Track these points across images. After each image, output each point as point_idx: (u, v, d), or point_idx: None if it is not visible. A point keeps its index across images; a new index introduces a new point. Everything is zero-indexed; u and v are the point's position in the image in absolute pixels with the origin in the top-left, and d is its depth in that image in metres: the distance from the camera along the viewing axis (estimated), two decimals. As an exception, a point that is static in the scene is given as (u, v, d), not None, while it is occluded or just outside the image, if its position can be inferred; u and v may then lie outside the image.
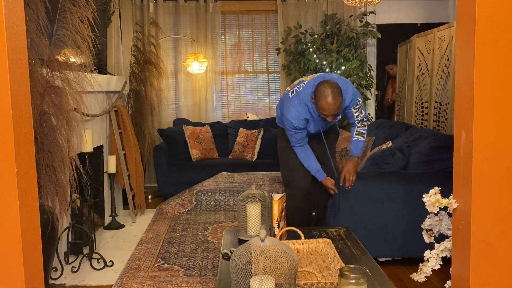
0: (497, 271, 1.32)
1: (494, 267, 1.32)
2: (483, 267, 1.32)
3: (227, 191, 4.66)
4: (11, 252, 1.18)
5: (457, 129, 1.38)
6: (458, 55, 1.37)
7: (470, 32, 1.28)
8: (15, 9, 1.19)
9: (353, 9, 5.64)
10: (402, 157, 3.18)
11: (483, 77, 1.27)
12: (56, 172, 2.53)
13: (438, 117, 4.49)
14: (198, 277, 3.00)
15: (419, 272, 1.69)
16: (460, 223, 1.39)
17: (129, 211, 4.47)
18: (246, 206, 2.21)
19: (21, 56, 1.21)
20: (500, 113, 1.28)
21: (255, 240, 1.42)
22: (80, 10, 2.72)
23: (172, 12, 5.81)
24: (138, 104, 5.16)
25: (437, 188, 1.56)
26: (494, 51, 1.27)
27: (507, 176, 1.30)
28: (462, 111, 1.35)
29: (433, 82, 4.58)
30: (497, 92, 1.28)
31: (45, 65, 2.60)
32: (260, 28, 6.02)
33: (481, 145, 1.29)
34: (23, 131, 1.21)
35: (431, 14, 5.85)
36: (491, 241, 1.32)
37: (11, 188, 1.16)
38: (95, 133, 3.88)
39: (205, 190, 4.70)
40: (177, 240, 3.78)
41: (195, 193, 4.68)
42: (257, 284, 1.35)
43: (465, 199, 1.34)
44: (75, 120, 2.71)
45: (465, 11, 1.31)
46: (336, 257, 1.82)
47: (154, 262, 3.28)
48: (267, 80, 6.10)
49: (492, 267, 1.32)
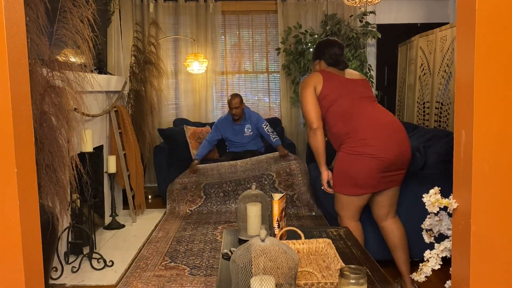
0: (497, 271, 1.32)
1: (494, 267, 1.32)
2: (483, 267, 1.32)
3: (232, 181, 4.68)
4: (11, 252, 1.18)
5: (457, 129, 1.38)
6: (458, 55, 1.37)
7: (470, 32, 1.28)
8: (15, 9, 1.19)
9: (353, 9, 5.64)
10: (421, 157, 3.18)
11: (483, 77, 1.27)
12: (56, 172, 2.53)
13: (440, 117, 4.49)
14: (203, 277, 3.02)
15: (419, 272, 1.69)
16: (460, 223, 1.39)
17: (129, 211, 4.47)
18: (246, 206, 2.21)
19: (21, 56, 1.21)
20: (500, 113, 1.28)
21: (255, 240, 1.42)
22: (80, 10, 2.72)
23: (172, 12, 5.81)
24: (138, 104, 5.16)
25: (437, 188, 1.56)
26: (494, 51, 1.27)
27: (507, 176, 1.30)
28: (462, 111, 1.35)
29: (434, 82, 4.58)
30: (497, 92, 1.28)
31: (45, 65, 2.60)
32: (260, 28, 6.02)
33: (481, 145, 1.29)
34: (23, 131, 1.21)
35: (431, 14, 5.85)
36: (491, 241, 1.31)
37: (11, 188, 1.16)
38: (95, 133, 3.88)
39: (211, 183, 4.72)
40: (186, 239, 3.81)
41: (202, 187, 4.70)
42: (257, 284, 1.35)
43: (465, 199, 1.34)
44: (75, 120, 2.71)
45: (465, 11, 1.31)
46: (336, 257, 1.82)
47: (161, 261, 3.33)
48: (267, 80, 6.10)
49: (492, 267, 1.32)
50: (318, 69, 2.86)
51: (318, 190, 4.19)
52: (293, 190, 4.65)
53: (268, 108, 6.13)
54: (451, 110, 4.27)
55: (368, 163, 2.54)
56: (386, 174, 2.59)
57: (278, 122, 5.77)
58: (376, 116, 2.64)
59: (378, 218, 2.78)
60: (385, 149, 2.54)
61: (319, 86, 2.70)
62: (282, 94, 5.96)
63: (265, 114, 6.05)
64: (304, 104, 2.72)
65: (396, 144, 2.58)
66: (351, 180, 2.60)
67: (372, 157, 2.53)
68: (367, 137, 2.56)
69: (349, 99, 2.68)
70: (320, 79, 2.71)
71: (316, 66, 2.90)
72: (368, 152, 2.54)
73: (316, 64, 2.90)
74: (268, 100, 6.12)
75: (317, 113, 2.70)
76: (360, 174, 2.57)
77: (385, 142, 2.55)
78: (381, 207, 2.73)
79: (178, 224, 4.25)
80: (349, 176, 2.60)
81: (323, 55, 2.84)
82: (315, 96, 2.70)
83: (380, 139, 2.55)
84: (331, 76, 2.72)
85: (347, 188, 2.63)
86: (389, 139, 2.57)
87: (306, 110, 2.72)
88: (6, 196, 1.16)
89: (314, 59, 2.95)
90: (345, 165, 2.63)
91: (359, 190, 2.61)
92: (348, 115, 2.65)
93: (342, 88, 2.70)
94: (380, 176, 2.57)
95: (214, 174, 4.76)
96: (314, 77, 2.74)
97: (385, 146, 2.54)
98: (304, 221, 4.29)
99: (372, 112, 2.66)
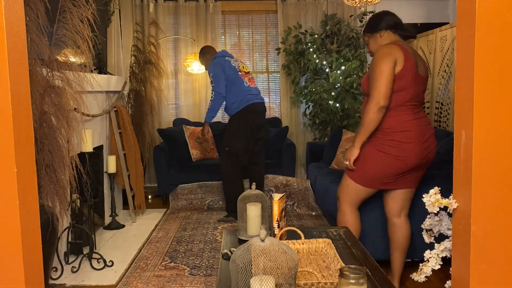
0: (497, 271, 1.32)
1: (494, 267, 1.32)
2: (483, 267, 1.32)
3: None
4: (11, 252, 1.18)
5: (457, 129, 1.38)
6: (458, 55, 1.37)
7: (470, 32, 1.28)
8: (15, 9, 1.19)
9: (353, 9, 5.64)
10: None
11: (483, 77, 1.27)
12: (56, 172, 2.53)
13: (440, 117, 4.49)
14: (203, 277, 3.02)
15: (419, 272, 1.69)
16: (460, 223, 1.39)
17: (129, 211, 4.47)
18: (246, 206, 2.21)
19: (21, 56, 1.21)
20: (500, 113, 1.28)
21: (255, 240, 1.42)
22: (80, 10, 2.72)
23: (172, 12, 5.81)
24: (138, 104, 5.16)
25: (437, 188, 1.56)
26: (494, 51, 1.27)
27: (507, 176, 1.30)
28: (462, 111, 1.35)
29: (434, 82, 4.58)
30: (497, 92, 1.28)
31: (45, 65, 2.60)
32: (260, 28, 6.02)
33: (481, 145, 1.29)
34: (23, 131, 1.21)
35: (431, 14, 5.85)
36: (491, 241, 1.32)
37: (11, 188, 1.16)
38: (95, 133, 3.88)
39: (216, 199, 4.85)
40: (186, 239, 3.81)
41: (207, 204, 4.83)
42: (257, 284, 1.35)
43: (465, 199, 1.34)
44: (75, 120, 2.71)
45: (465, 11, 1.31)
46: (336, 257, 1.82)
47: (161, 261, 3.33)
48: (267, 80, 6.10)
49: (492, 267, 1.32)
50: (383, 42, 2.59)
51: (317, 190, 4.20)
52: (292, 200, 4.67)
53: (268, 108, 6.12)
54: (451, 110, 4.27)
55: (391, 162, 2.51)
56: (404, 176, 2.58)
57: (278, 122, 5.77)
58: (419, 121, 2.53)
59: (390, 212, 2.74)
60: (414, 155, 2.49)
61: (399, 64, 2.43)
62: (282, 94, 5.95)
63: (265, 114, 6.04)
64: (379, 76, 2.41)
65: (424, 150, 2.53)
66: (366, 173, 2.58)
67: (398, 159, 2.50)
68: (405, 141, 2.49)
69: (409, 95, 2.48)
70: (401, 56, 2.44)
71: (380, 38, 2.60)
72: (397, 154, 2.50)
73: (380, 36, 2.60)
74: (268, 100, 6.11)
75: (389, 90, 2.42)
76: (380, 173, 2.56)
77: (416, 150, 2.49)
78: (395, 202, 2.69)
79: (178, 224, 4.26)
80: (367, 169, 2.58)
81: (387, 23, 2.58)
82: (394, 71, 2.43)
83: (415, 145, 2.49)
84: (410, 59, 2.47)
85: (359, 177, 2.62)
86: (420, 146, 2.50)
87: (379, 83, 2.41)
88: (6, 196, 1.16)
89: (374, 31, 2.63)
90: (368, 159, 2.56)
91: (370, 183, 2.60)
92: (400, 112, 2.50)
93: (412, 79, 2.48)
94: (396, 177, 2.57)
95: (219, 191, 4.82)
96: (396, 50, 2.45)
97: (413, 152, 2.49)
98: (304, 221, 4.29)
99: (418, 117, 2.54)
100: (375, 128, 2.51)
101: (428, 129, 2.58)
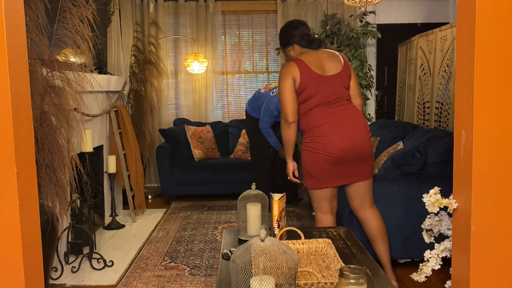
0: (497, 271, 1.32)
1: (494, 267, 1.32)
2: (483, 267, 1.32)
3: None
4: (11, 252, 1.18)
5: (457, 129, 1.38)
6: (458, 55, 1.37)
7: (470, 32, 1.28)
8: (15, 9, 1.19)
9: (353, 9, 5.64)
10: (421, 157, 3.18)
11: (483, 77, 1.27)
12: (56, 172, 2.53)
13: (440, 117, 4.49)
14: (203, 277, 3.02)
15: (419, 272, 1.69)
16: (460, 223, 1.39)
17: (129, 211, 4.47)
18: (246, 206, 2.21)
19: (21, 56, 1.21)
20: (500, 113, 1.28)
21: (255, 240, 1.42)
22: (80, 10, 2.72)
23: (172, 12, 5.81)
24: (138, 104, 5.16)
25: (437, 188, 1.56)
26: (494, 51, 1.27)
27: (507, 176, 1.30)
28: (462, 111, 1.35)
29: (434, 82, 4.58)
30: (497, 92, 1.28)
31: (45, 65, 2.60)
32: (260, 28, 6.02)
33: (481, 145, 1.29)
34: (23, 131, 1.21)
35: (431, 14, 5.85)
36: (491, 241, 1.32)
37: (11, 188, 1.16)
38: (95, 133, 3.88)
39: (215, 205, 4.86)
40: (186, 239, 3.82)
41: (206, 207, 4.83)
42: (257, 284, 1.35)
43: (465, 199, 1.34)
44: (75, 120, 2.71)
45: (465, 11, 1.31)
46: (336, 257, 1.82)
47: (161, 261, 3.33)
48: (267, 80, 6.10)
49: (492, 267, 1.32)
50: (293, 55, 2.81)
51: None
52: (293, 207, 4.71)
53: (268, 108, 6.12)
54: (451, 110, 4.28)
55: (316, 157, 2.60)
56: (342, 168, 2.61)
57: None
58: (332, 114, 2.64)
59: (353, 209, 2.82)
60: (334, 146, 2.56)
61: (297, 79, 2.64)
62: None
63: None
64: (282, 96, 2.66)
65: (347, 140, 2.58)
66: (309, 175, 2.68)
67: (319, 152, 2.59)
68: (319, 134, 2.60)
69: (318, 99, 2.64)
70: (297, 72, 2.65)
71: (290, 52, 2.85)
72: (317, 148, 2.59)
73: (289, 50, 2.85)
74: (268, 100, 6.11)
75: (294, 107, 2.65)
76: (315, 170, 2.64)
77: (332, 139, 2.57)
78: (351, 198, 2.76)
79: (178, 224, 4.26)
80: (306, 170, 2.68)
81: (293, 38, 2.80)
82: (294, 88, 2.65)
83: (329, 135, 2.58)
84: (307, 70, 2.65)
85: (309, 182, 2.71)
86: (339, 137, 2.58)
87: (284, 103, 2.65)
88: (6, 196, 1.16)
89: (285, 46, 2.88)
90: (303, 160, 2.69)
91: (317, 184, 2.67)
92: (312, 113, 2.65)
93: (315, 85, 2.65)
94: (333, 170, 2.61)
95: None
96: (292, 68, 2.67)
97: (331, 143, 2.57)
98: (304, 221, 4.29)
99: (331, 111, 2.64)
100: (294, 141, 2.73)
101: (348, 120, 2.63)
